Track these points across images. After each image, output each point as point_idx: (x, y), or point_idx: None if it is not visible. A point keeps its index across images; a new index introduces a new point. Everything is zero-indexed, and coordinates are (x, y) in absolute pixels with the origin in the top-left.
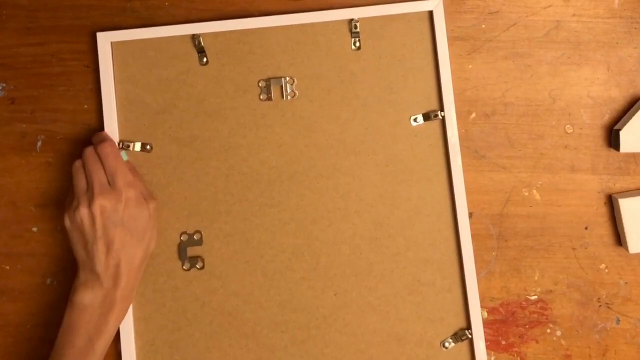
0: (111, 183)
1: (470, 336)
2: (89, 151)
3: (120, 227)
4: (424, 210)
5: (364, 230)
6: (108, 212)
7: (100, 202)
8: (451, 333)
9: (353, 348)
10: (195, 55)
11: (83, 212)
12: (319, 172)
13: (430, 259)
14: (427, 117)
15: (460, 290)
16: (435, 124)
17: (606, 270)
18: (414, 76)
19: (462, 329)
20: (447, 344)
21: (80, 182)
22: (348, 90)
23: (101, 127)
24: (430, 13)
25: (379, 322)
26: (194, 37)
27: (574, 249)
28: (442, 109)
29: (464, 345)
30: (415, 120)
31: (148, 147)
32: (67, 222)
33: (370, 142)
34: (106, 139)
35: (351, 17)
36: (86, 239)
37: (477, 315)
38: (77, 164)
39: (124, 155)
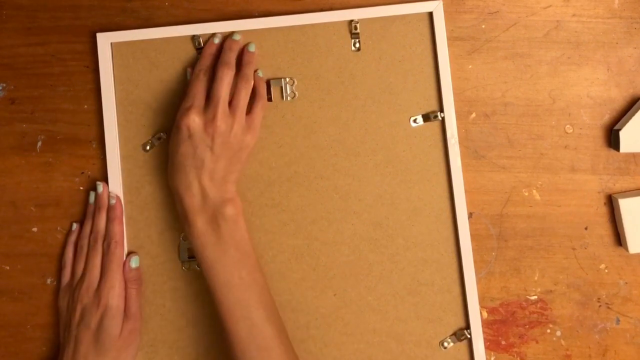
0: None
1: (469, 336)
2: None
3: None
4: (423, 210)
5: (364, 231)
6: (85, 312)
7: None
8: (450, 333)
9: (352, 348)
10: (195, 55)
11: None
12: (318, 172)
13: (430, 259)
14: (426, 117)
15: (459, 290)
16: (435, 125)
17: (606, 270)
18: (414, 77)
19: (461, 329)
20: (446, 344)
21: None
22: (348, 91)
23: (101, 127)
24: (430, 14)
25: (378, 322)
26: (194, 38)
27: (574, 249)
28: (441, 110)
29: (463, 345)
30: (415, 121)
31: (148, 147)
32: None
33: (370, 142)
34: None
35: (351, 18)
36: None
37: (476, 315)
38: None
39: (135, 261)
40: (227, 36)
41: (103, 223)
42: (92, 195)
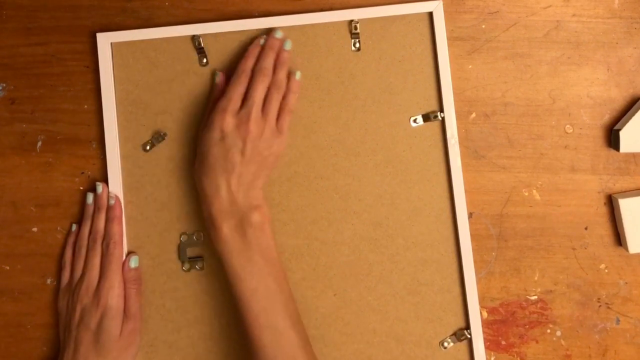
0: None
1: (469, 336)
2: None
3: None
4: (423, 210)
5: (364, 231)
6: (84, 313)
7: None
8: (450, 333)
9: (352, 348)
10: (195, 56)
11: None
12: (318, 172)
13: (430, 259)
14: (426, 117)
15: (459, 290)
16: (435, 125)
17: (606, 271)
18: (414, 77)
19: (461, 329)
20: (446, 344)
21: None
22: (348, 91)
23: (101, 127)
24: (430, 14)
25: (378, 322)
26: (194, 38)
27: (574, 249)
28: (441, 110)
29: (462, 345)
30: (415, 121)
31: (148, 147)
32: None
33: (370, 142)
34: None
35: (351, 18)
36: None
37: (476, 315)
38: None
39: (134, 261)
40: (270, 34)
41: (102, 223)
42: (89, 196)
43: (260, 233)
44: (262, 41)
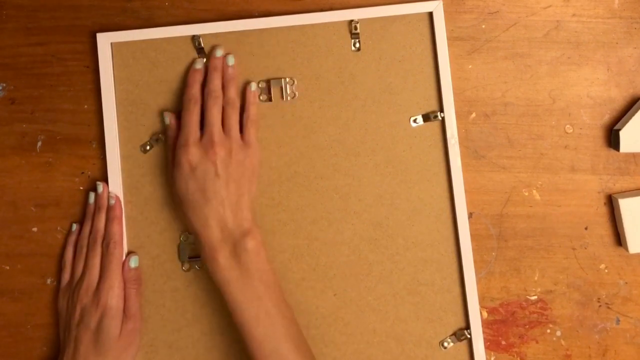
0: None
1: (469, 336)
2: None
3: None
4: (423, 210)
5: (364, 231)
6: (84, 313)
7: None
8: (450, 333)
9: (352, 348)
10: (195, 55)
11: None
12: (318, 172)
13: (430, 259)
14: (426, 118)
15: (459, 290)
16: (435, 125)
17: (606, 271)
18: (414, 77)
19: (461, 329)
20: (446, 344)
21: None
22: (348, 91)
23: (101, 127)
24: (430, 14)
25: (378, 322)
26: (194, 38)
27: (574, 249)
28: (441, 110)
29: (462, 345)
30: (415, 121)
31: (147, 147)
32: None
33: (370, 142)
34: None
35: (351, 18)
36: (66, 326)
37: (476, 315)
38: None
39: (134, 261)
40: (211, 50)
41: (102, 223)
42: (91, 195)
43: (255, 258)
44: (197, 65)
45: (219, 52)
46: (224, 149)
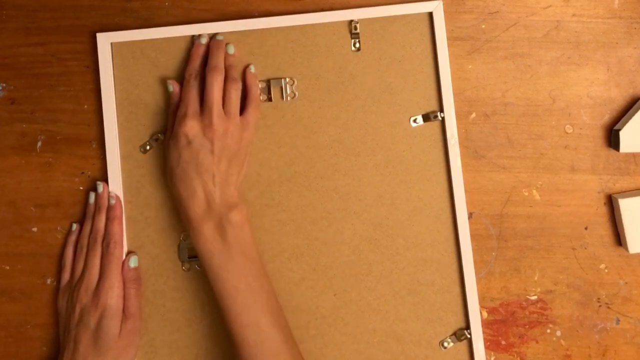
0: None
1: (469, 336)
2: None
3: None
4: (423, 210)
5: (364, 231)
6: (83, 313)
7: None
8: (450, 333)
9: (352, 348)
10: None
11: None
12: (318, 172)
13: (430, 259)
14: (426, 118)
15: (459, 290)
16: (434, 125)
17: (606, 270)
18: (414, 77)
19: (461, 329)
20: (446, 344)
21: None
22: (348, 91)
23: (101, 127)
24: (430, 14)
25: (378, 322)
26: (194, 38)
27: (574, 249)
28: (441, 110)
29: (462, 345)
30: (415, 121)
31: (147, 147)
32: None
33: (369, 142)
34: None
35: (351, 18)
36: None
37: (476, 315)
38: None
39: (133, 261)
40: (212, 37)
41: (103, 223)
42: (91, 195)
43: (240, 232)
44: (202, 40)
45: (220, 37)
46: (222, 126)
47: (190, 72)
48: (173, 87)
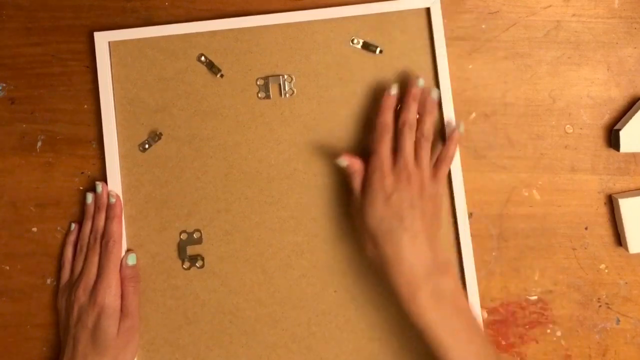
0: (93, 288)
1: None
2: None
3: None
4: None
5: None
6: (81, 312)
7: (78, 302)
8: None
9: (353, 344)
10: (193, 53)
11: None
12: (318, 169)
13: None
14: None
15: None
16: None
17: (606, 271)
18: (412, 73)
19: None
20: None
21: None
22: (346, 88)
23: (101, 127)
24: (428, 10)
25: (379, 319)
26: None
27: (574, 249)
28: (440, 105)
29: None
30: None
31: (146, 146)
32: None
33: (368, 139)
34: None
35: (349, 15)
36: (65, 325)
37: (477, 310)
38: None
39: (131, 259)
40: (411, 83)
41: (103, 222)
42: (88, 196)
43: (457, 298)
44: (393, 91)
45: (421, 82)
46: (418, 179)
47: (382, 127)
48: (349, 161)
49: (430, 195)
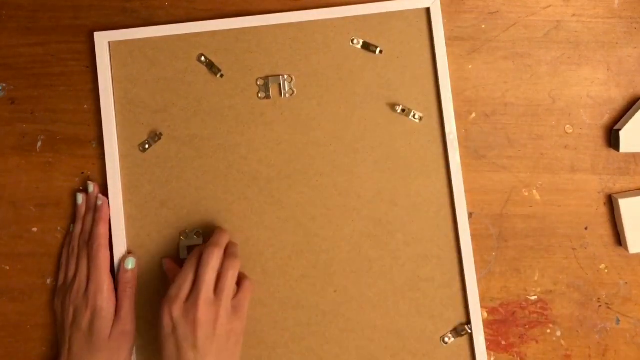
0: (87, 289)
1: (470, 331)
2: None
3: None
4: (422, 207)
5: (363, 227)
6: (76, 313)
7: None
8: (451, 328)
9: (353, 344)
10: (193, 53)
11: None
12: (317, 169)
13: (430, 255)
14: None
15: (459, 286)
16: (433, 121)
17: (606, 271)
18: (412, 73)
19: (462, 324)
20: (446, 339)
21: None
22: (346, 87)
23: (101, 127)
24: (428, 10)
25: (379, 318)
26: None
27: (574, 249)
28: (440, 105)
29: (463, 340)
30: (413, 117)
31: (146, 146)
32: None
33: (368, 139)
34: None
35: (349, 15)
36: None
37: (476, 310)
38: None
39: (130, 263)
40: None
41: (90, 224)
42: (79, 197)
43: None
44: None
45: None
46: (208, 313)
47: (194, 253)
48: (166, 264)
49: (222, 329)
